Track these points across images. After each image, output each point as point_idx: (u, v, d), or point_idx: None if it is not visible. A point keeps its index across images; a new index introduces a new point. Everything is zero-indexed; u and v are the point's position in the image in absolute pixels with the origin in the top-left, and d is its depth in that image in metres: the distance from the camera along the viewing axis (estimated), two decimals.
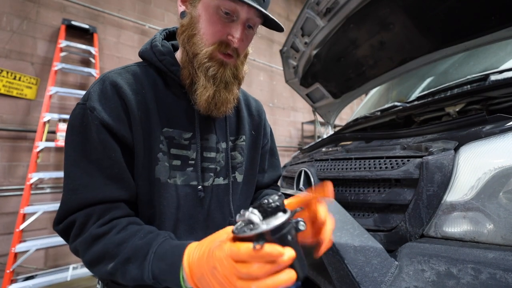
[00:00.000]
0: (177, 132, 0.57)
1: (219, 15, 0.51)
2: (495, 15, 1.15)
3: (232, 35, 0.52)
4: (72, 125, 0.51)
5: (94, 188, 0.48)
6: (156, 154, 0.54)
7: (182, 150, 0.57)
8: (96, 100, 0.51)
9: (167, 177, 0.55)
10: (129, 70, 0.57)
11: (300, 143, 4.79)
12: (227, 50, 0.53)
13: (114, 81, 0.53)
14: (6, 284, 1.87)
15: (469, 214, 0.59)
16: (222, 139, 0.65)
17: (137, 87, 0.55)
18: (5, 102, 2.25)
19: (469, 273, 0.50)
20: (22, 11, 2.38)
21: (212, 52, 0.53)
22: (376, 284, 0.53)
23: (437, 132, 0.84)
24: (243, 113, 0.71)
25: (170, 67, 0.57)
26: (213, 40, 0.53)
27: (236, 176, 0.67)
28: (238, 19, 0.52)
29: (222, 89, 0.55)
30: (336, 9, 1.40)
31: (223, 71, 0.54)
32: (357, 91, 1.99)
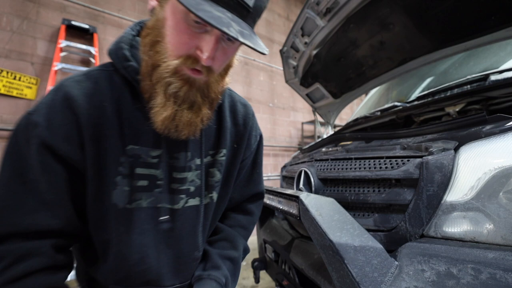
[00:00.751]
0: (144, 149, 0.50)
1: (187, 23, 0.40)
2: (495, 15, 1.15)
3: (201, 49, 0.42)
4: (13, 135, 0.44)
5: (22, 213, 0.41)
6: (114, 177, 0.47)
7: (150, 169, 0.50)
8: (42, 114, 0.43)
9: (126, 203, 0.49)
10: (91, 77, 0.48)
11: (300, 143, 4.79)
12: (195, 66, 0.43)
13: (68, 92, 0.45)
14: None
15: (469, 214, 0.59)
16: (197, 155, 0.56)
17: (97, 99, 0.46)
18: (5, 102, 2.25)
19: (469, 273, 0.50)
20: (22, 11, 2.38)
21: (176, 66, 0.43)
22: (376, 284, 0.53)
23: (437, 132, 0.84)
24: (226, 123, 0.61)
25: (134, 76, 0.48)
26: (178, 52, 0.43)
27: (213, 196, 0.60)
28: (211, 30, 0.41)
29: (185, 110, 0.46)
30: (336, 9, 1.40)
31: (187, 89, 0.45)
32: (357, 91, 1.99)
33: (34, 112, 0.44)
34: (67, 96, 0.45)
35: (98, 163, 0.46)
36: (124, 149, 0.48)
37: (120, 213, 0.49)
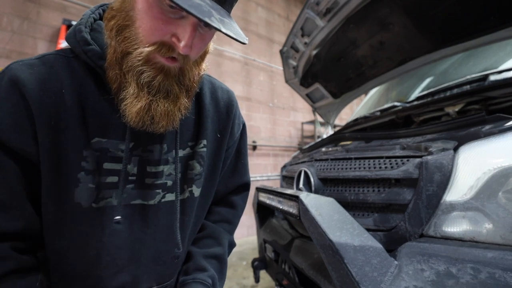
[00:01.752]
0: (112, 142, 0.45)
1: (161, 7, 0.36)
2: (494, 15, 1.15)
3: (178, 37, 0.38)
4: None
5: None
6: (76, 174, 0.42)
7: (119, 164, 0.45)
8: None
9: (91, 202, 0.44)
10: (46, 61, 0.43)
11: (300, 143, 4.80)
12: (171, 54, 0.40)
13: (16, 76, 0.39)
14: None
15: (469, 213, 0.59)
16: (172, 147, 0.52)
17: (52, 85, 0.41)
18: None
19: (468, 273, 0.50)
20: (23, 12, 2.39)
21: (149, 54, 0.39)
22: (376, 284, 0.53)
23: (437, 132, 0.84)
24: (206, 111, 0.56)
25: (97, 61, 0.43)
26: (151, 39, 0.38)
27: (193, 190, 0.55)
28: (187, 16, 0.37)
29: (161, 99, 0.42)
30: (336, 9, 1.40)
31: (162, 78, 0.41)
32: (357, 91, 2.00)
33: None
34: (15, 79, 0.39)
35: (56, 158, 0.41)
36: (89, 142, 0.43)
37: (85, 213, 0.43)
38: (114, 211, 0.45)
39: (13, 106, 0.39)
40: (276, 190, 1.01)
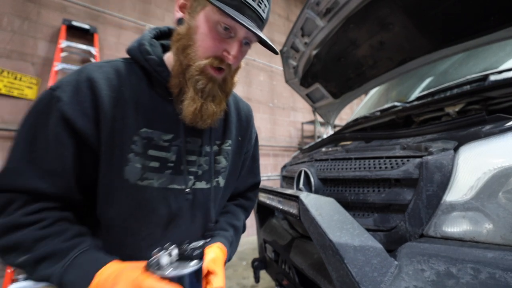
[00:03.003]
0: (156, 133, 0.55)
1: (217, 30, 0.50)
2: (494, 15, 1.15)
3: (228, 51, 0.51)
4: (34, 107, 0.49)
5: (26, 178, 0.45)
6: (127, 154, 0.52)
7: (161, 152, 0.55)
8: (65, 91, 0.48)
9: (137, 179, 0.53)
10: (113, 65, 0.54)
11: (300, 143, 4.79)
12: (220, 65, 0.52)
13: (91, 74, 0.50)
14: (7, 283, 1.87)
15: (469, 214, 0.59)
16: (207, 143, 0.63)
17: (116, 83, 0.52)
18: (6, 102, 2.25)
19: (468, 273, 0.50)
20: (23, 12, 2.39)
21: (204, 66, 0.51)
22: (376, 284, 0.53)
23: (437, 132, 0.84)
24: (231, 118, 0.69)
25: (155, 67, 0.55)
26: (208, 54, 0.51)
27: (219, 181, 0.66)
28: (236, 36, 0.51)
29: (209, 102, 0.54)
30: (336, 9, 1.40)
31: (211, 86, 0.54)
32: (357, 91, 1.99)
33: (57, 88, 0.49)
34: (89, 77, 0.50)
35: (112, 140, 0.51)
36: (138, 131, 0.53)
37: (132, 188, 0.53)
38: (154, 191, 0.54)
39: (85, 97, 0.49)
40: (276, 190, 1.01)
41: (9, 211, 0.44)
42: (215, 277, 0.51)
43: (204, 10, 0.50)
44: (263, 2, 0.50)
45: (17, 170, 0.46)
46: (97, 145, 0.50)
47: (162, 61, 0.56)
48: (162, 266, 0.39)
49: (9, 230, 0.43)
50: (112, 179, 0.52)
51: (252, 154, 0.80)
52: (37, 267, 0.43)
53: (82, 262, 0.43)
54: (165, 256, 0.39)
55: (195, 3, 0.51)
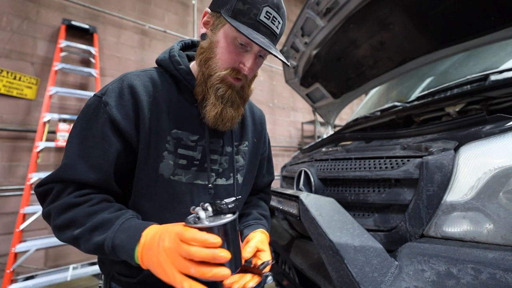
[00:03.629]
0: (185, 134, 0.62)
1: (235, 45, 0.57)
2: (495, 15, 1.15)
3: (244, 63, 0.58)
4: (84, 111, 0.58)
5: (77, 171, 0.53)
6: (162, 152, 0.59)
7: (188, 151, 0.62)
8: (111, 97, 0.56)
9: (170, 174, 0.60)
10: (148, 74, 0.63)
11: (300, 143, 4.79)
12: (238, 76, 0.59)
13: (132, 82, 0.59)
14: (6, 284, 1.87)
15: (469, 214, 0.59)
16: (228, 144, 0.70)
17: (151, 89, 0.60)
18: (5, 102, 2.25)
19: (469, 273, 0.50)
20: (22, 11, 2.38)
21: (224, 76, 0.59)
22: (376, 284, 0.53)
23: (437, 132, 0.84)
24: (247, 121, 0.77)
25: (185, 76, 0.63)
26: (226, 66, 0.58)
27: (238, 178, 0.72)
28: (251, 50, 0.58)
29: (228, 107, 0.61)
30: (336, 9, 1.40)
31: (230, 92, 0.60)
32: (357, 91, 1.99)
33: (104, 95, 0.57)
34: (131, 85, 0.58)
35: (149, 139, 0.58)
36: (170, 131, 0.60)
37: (166, 182, 0.60)
38: (182, 185, 0.61)
39: (128, 102, 0.57)
40: (276, 190, 1.01)
41: (63, 196, 0.53)
42: (264, 253, 0.60)
43: (224, 27, 0.57)
44: (277, 19, 0.57)
45: (71, 165, 0.54)
46: (136, 144, 0.58)
47: (190, 71, 0.64)
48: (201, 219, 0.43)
49: (64, 210, 0.51)
50: (148, 174, 0.58)
51: (268, 156, 0.89)
52: (91, 235, 0.49)
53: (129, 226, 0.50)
54: (202, 211, 0.44)
55: (217, 21, 0.58)
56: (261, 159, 0.83)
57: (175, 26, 3.41)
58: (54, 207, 0.52)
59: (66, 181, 0.54)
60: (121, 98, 0.57)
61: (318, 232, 0.64)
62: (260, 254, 0.60)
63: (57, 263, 2.36)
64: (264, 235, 0.67)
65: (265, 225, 0.75)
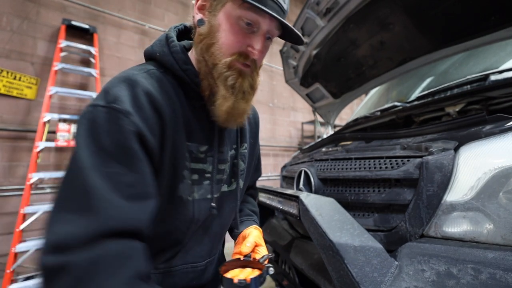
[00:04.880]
0: (194, 146, 0.54)
1: (240, 25, 0.49)
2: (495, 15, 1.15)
3: (253, 46, 0.50)
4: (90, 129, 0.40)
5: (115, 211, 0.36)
6: (182, 171, 0.51)
7: (199, 164, 0.55)
8: (130, 105, 0.43)
9: (188, 195, 0.53)
10: (153, 76, 0.50)
11: (300, 143, 4.79)
12: (246, 61, 0.51)
13: (147, 89, 0.46)
14: (6, 284, 1.87)
15: (469, 214, 0.59)
16: (229, 148, 0.64)
17: (165, 96, 0.49)
18: (5, 102, 2.25)
19: (469, 273, 0.50)
20: (22, 11, 2.38)
21: (231, 61, 0.50)
22: (376, 284, 0.53)
23: (437, 132, 0.84)
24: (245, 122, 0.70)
25: (193, 79, 0.53)
26: (232, 50, 0.50)
27: (239, 183, 0.68)
28: (258, 30, 0.50)
29: (240, 100, 0.52)
30: (336, 9, 1.40)
31: (241, 81, 0.51)
32: (357, 91, 1.99)
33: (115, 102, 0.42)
34: (148, 92, 0.46)
35: (173, 158, 0.49)
36: (185, 144, 0.52)
37: (183, 204, 0.53)
38: (195, 203, 0.55)
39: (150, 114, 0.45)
40: (276, 190, 1.01)
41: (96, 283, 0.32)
42: (261, 248, 0.61)
43: (225, 7, 0.49)
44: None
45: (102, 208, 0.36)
46: (159, 166, 0.47)
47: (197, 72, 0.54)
48: None
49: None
50: (166, 198, 0.50)
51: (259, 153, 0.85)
52: None
53: None
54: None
55: (215, 1, 0.50)
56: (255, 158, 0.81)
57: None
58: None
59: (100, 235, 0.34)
60: (140, 108, 0.44)
61: (318, 232, 0.64)
62: (257, 249, 0.61)
63: None
64: (258, 230, 0.67)
65: (256, 221, 0.75)
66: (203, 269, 0.64)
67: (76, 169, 0.38)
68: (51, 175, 2.16)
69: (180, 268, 0.59)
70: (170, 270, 0.58)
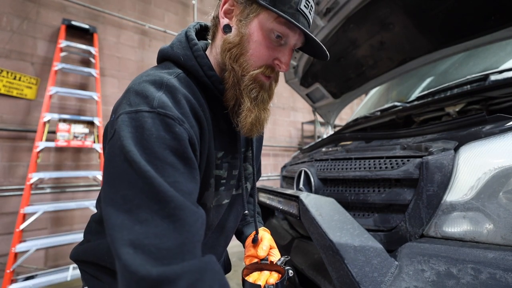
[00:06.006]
0: (213, 152, 0.53)
1: (270, 38, 0.48)
2: (495, 15, 1.15)
3: (280, 60, 0.50)
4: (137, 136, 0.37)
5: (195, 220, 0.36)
6: (210, 179, 0.51)
7: (216, 170, 0.54)
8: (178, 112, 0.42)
9: (211, 202, 0.53)
10: (183, 81, 0.48)
11: (300, 143, 4.79)
12: (271, 74, 0.52)
13: (187, 95, 0.45)
14: (6, 284, 1.87)
15: (469, 214, 0.59)
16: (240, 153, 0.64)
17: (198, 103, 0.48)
18: (5, 102, 2.25)
19: (469, 273, 0.50)
20: (22, 11, 2.38)
21: (256, 75, 0.50)
22: (376, 284, 0.53)
23: (437, 132, 0.84)
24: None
25: (217, 86, 0.52)
26: (260, 63, 0.50)
27: (247, 186, 0.69)
28: (286, 43, 0.50)
29: (262, 110, 0.53)
30: (336, 9, 1.40)
31: (263, 93, 0.52)
32: (357, 91, 1.99)
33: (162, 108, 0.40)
34: (187, 98, 0.45)
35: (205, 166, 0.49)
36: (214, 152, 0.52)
37: (206, 212, 0.52)
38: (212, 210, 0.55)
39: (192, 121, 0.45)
40: (276, 190, 1.01)
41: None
42: (275, 250, 0.64)
43: (258, 17, 0.48)
44: (313, 8, 0.50)
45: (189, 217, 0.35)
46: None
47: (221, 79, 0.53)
48: None
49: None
50: None
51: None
52: None
53: None
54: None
55: (247, 9, 0.48)
56: None
57: (175, 26, 3.40)
58: None
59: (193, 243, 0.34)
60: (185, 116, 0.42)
61: (318, 232, 0.64)
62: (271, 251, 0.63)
63: (57, 263, 2.36)
64: (268, 233, 0.69)
65: (262, 222, 0.77)
66: None
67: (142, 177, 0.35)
68: (51, 175, 2.16)
69: None
70: None
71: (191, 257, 0.33)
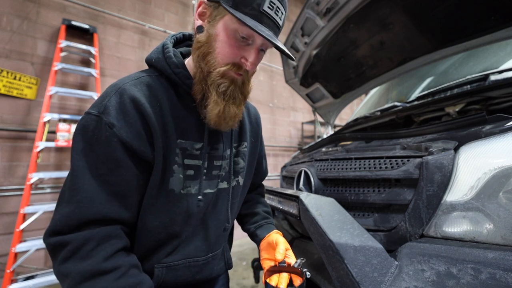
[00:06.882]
0: (189, 143, 0.58)
1: (236, 38, 0.52)
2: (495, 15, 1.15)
3: (246, 58, 0.54)
4: (83, 135, 0.50)
5: (98, 204, 0.47)
6: (172, 166, 0.56)
7: (195, 160, 0.59)
8: (114, 116, 0.50)
9: (180, 188, 0.57)
10: (144, 81, 0.56)
11: (300, 143, 4.79)
12: (239, 71, 0.55)
13: (133, 95, 0.52)
14: (6, 284, 1.87)
15: (469, 214, 0.59)
16: (228, 147, 0.67)
17: (153, 99, 0.54)
18: (5, 102, 2.25)
19: (469, 273, 0.50)
20: (22, 11, 2.38)
21: (224, 71, 0.54)
22: (376, 284, 0.53)
23: (437, 132, 0.84)
24: (245, 121, 0.74)
25: (184, 81, 0.58)
26: (227, 61, 0.54)
27: (239, 180, 0.71)
28: (253, 43, 0.53)
29: (231, 104, 0.56)
30: (336, 9, 1.40)
31: (233, 88, 0.56)
32: (357, 91, 1.99)
33: (104, 114, 0.50)
34: (133, 98, 0.52)
35: (163, 154, 0.54)
36: (176, 142, 0.56)
37: (176, 197, 0.57)
38: (191, 197, 0.59)
39: (134, 118, 0.51)
40: (276, 190, 1.01)
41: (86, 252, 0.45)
42: (290, 252, 0.65)
43: (223, 19, 0.52)
44: (280, 10, 0.52)
45: (87, 199, 0.47)
46: (152, 161, 0.54)
47: (189, 74, 0.58)
48: None
49: (93, 277, 0.45)
50: (159, 191, 0.56)
51: (263, 153, 0.89)
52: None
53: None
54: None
55: (215, 12, 0.53)
56: (258, 157, 0.83)
57: (175, 26, 3.41)
58: (76, 272, 0.44)
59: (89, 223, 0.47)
60: (125, 115, 0.50)
61: (318, 232, 0.64)
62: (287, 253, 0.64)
63: None
64: (281, 235, 0.71)
65: (273, 223, 0.79)
66: (205, 263, 0.67)
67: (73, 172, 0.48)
68: (51, 175, 2.16)
69: (182, 262, 0.62)
70: (173, 265, 0.61)
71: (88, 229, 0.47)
